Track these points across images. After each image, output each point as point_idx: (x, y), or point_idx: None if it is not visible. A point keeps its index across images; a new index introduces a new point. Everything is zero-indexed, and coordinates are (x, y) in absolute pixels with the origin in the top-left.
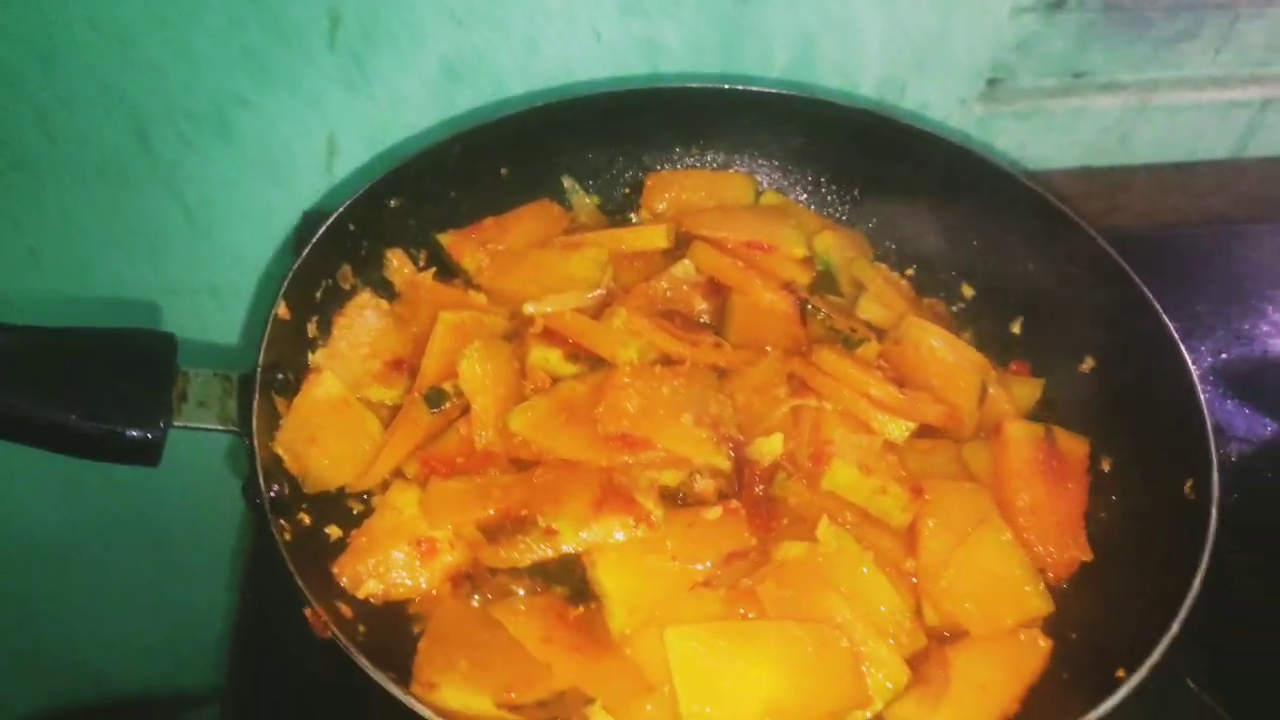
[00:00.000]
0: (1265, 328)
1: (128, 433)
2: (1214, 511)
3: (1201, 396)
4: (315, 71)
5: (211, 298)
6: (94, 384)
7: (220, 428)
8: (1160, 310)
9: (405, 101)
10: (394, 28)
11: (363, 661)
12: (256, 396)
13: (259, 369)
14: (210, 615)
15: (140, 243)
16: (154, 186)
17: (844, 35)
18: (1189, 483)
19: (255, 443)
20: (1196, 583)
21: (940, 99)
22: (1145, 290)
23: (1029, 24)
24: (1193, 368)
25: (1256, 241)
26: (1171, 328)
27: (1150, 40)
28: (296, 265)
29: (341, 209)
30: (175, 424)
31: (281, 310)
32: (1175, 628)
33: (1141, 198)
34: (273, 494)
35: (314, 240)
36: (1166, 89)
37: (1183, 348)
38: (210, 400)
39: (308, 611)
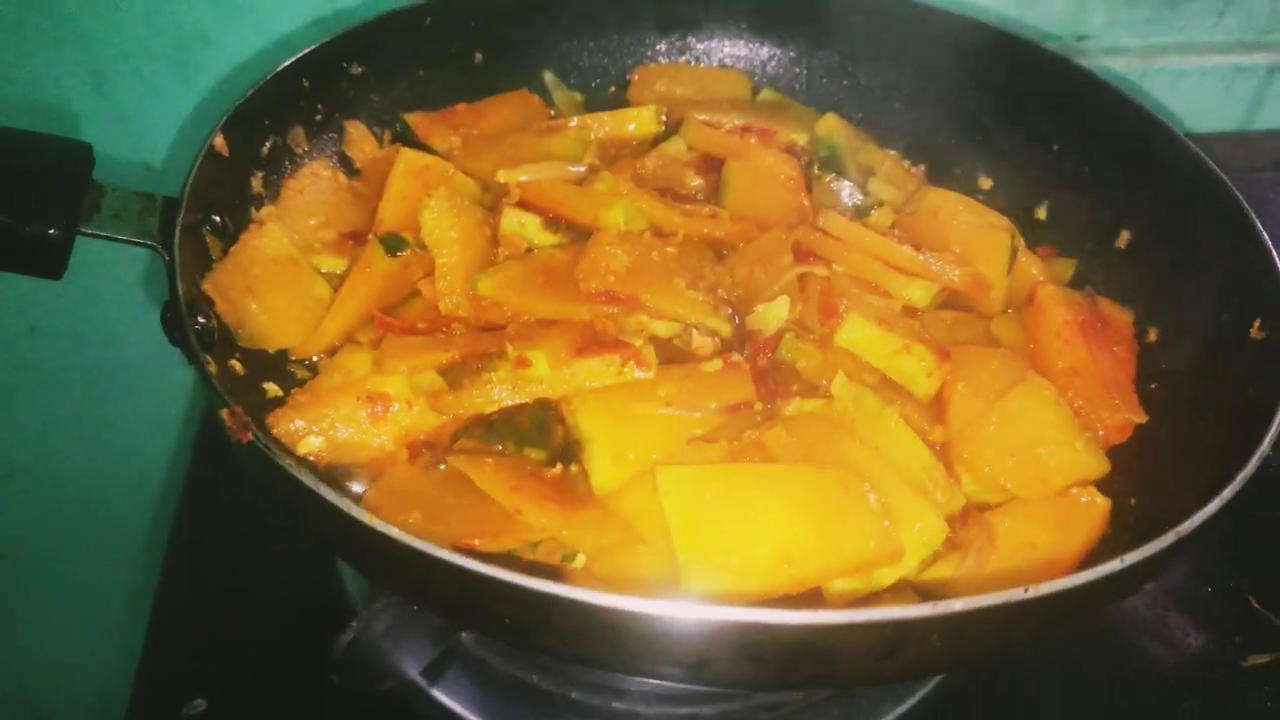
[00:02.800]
0: None
1: (26, 227)
2: None
3: (1263, 232)
4: (283, 5)
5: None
6: None
7: (136, 240)
8: (1209, 161)
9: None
10: None
11: (286, 463)
12: (183, 214)
13: (187, 187)
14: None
15: None
16: (113, 135)
17: None
18: (1256, 323)
19: (176, 255)
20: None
21: None
22: (1189, 142)
23: None
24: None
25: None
26: (1224, 177)
27: (1151, 2)
28: (239, 102)
29: (294, 58)
30: (84, 230)
31: (218, 142)
32: (1266, 445)
33: None
34: (198, 326)
35: (261, 82)
36: (1169, 54)
37: (1238, 193)
38: (127, 215)
39: (225, 413)
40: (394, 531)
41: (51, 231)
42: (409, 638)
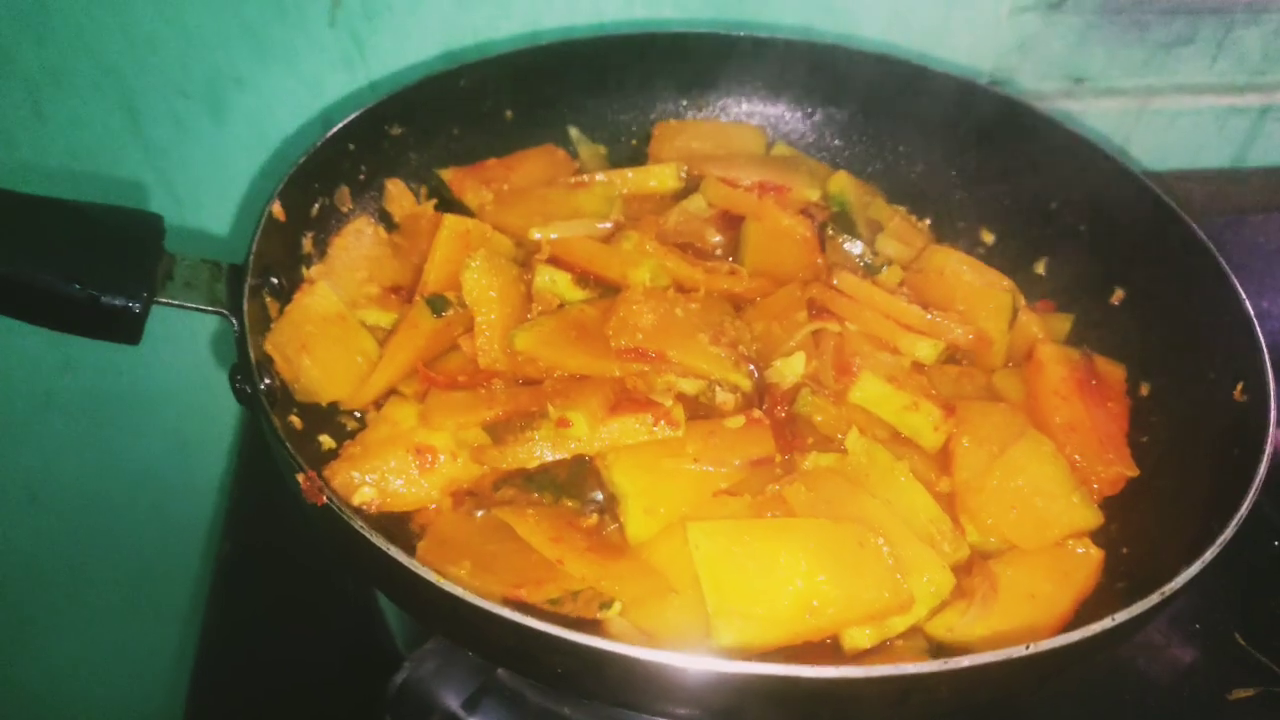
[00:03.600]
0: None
1: (109, 300)
2: (1272, 404)
3: (1245, 298)
4: (314, 50)
5: None
6: (78, 252)
7: (207, 308)
8: (1194, 225)
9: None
10: (395, 6)
11: (359, 524)
12: (249, 279)
13: (251, 255)
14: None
15: None
16: (144, 171)
17: (845, 29)
18: (1239, 386)
19: (245, 322)
20: (1261, 471)
21: None
22: (1176, 207)
23: (1028, 24)
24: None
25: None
26: (1209, 243)
27: (1148, 45)
28: (293, 170)
29: (341, 125)
30: (159, 299)
31: (276, 209)
32: (1245, 509)
33: None
34: (264, 385)
35: (311, 149)
36: (1164, 94)
37: (1220, 258)
38: (198, 283)
39: (300, 477)
40: (460, 591)
41: (132, 304)
42: (453, 676)
